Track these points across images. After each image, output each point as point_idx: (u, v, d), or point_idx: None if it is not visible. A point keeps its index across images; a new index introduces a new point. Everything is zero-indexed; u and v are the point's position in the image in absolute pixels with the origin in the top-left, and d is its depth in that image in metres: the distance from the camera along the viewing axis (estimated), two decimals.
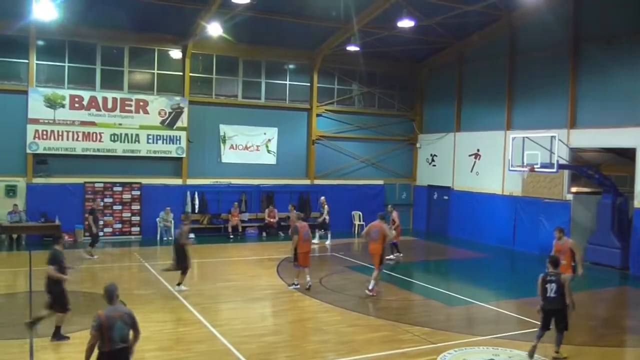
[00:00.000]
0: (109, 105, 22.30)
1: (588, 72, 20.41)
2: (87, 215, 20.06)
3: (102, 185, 22.34)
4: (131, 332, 7.21)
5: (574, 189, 20.96)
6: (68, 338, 10.36)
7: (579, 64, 20.66)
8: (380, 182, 27.84)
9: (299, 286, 14.84)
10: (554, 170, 18.14)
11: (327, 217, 22.96)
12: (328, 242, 22.71)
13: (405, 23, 20.42)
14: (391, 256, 19.06)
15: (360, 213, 26.59)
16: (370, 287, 14.36)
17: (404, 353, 10.11)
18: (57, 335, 10.34)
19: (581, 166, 19.99)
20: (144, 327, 11.12)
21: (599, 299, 15.39)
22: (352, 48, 23.81)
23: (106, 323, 6.93)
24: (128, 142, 22.64)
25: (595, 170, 19.61)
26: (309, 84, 26.28)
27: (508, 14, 22.67)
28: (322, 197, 23.76)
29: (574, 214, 20.48)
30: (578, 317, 13.16)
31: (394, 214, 20.02)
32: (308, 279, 14.83)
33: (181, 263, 14.44)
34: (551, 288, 9.89)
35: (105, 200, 22.33)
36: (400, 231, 20.38)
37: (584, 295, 15.79)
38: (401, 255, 19.65)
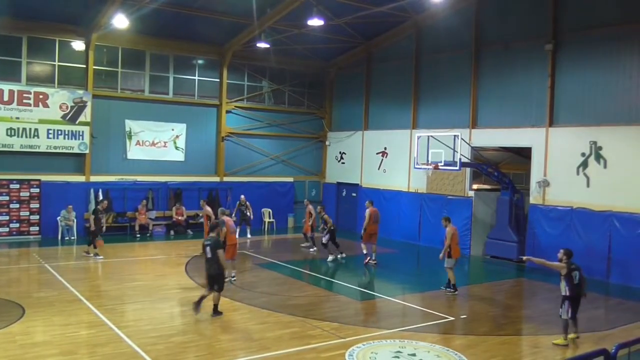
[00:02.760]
0: (5, 98, 21.04)
1: (488, 74, 21.41)
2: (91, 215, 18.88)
3: None
4: None
5: (475, 186, 21.96)
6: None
7: (480, 67, 21.63)
8: (290, 179, 27.97)
9: (234, 277, 15.32)
10: (457, 168, 18.90)
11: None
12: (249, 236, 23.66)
13: (315, 22, 20.61)
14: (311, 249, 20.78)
15: (270, 210, 26.62)
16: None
17: (314, 348, 10.22)
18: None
19: (482, 164, 20.92)
20: (45, 331, 10.70)
21: (498, 290, 16.20)
22: (262, 45, 23.74)
23: None
24: (26, 137, 21.47)
25: (494, 168, 20.61)
26: (218, 80, 25.96)
27: (415, 16, 23.37)
28: (242, 196, 23.95)
29: (475, 210, 21.44)
30: (479, 308, 13.85)
31: (309, 207, 21.11)
32: (233, 273, 15.30)
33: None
34: (574, 275, 10.84)
35: (1, 198, 21.10)
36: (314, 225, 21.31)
37: (484, 287, 16.64)
38: (316, 249, 20.33)
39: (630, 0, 17.35)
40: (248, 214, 23.67)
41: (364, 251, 18.83)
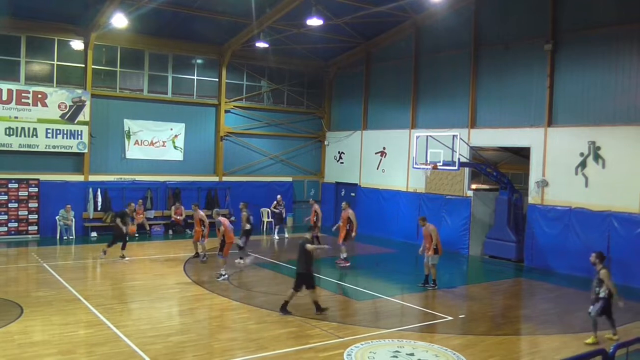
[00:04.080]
0: (4, 97, 21.01)
1: (487, 74, 21.41)
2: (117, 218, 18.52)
3: None
4: None
5: (473, 186, 21.96)
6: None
7: (479, 67, 21.64)
8: (289, 178, 27.96)
9: (227, 276, 15.40)
10: (456, 168, 18.90)
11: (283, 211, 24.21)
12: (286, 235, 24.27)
13: (314, 21, 20.60)
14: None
15: (269, 210, 26.57)
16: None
17: (312, 348, 10.22)
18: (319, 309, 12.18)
19: (480, 164, 20.94)
20: (44, 330, 10.70)
21: (496, 290, 16.20)
22: (261, 45, 23.73)
23: None
24: (25, 136, 21.45)
25: (493, 168, 20.63)
26: (217, 80, 25.95)
27: (414, 16, 23.37)
28: (279, 196, 24.25)
29: (474, 210, 21.44)
30: (477, 307, 13.86)
31: (316, 206, 20.95)
32: (224, 270, 15.60)
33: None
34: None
35: (0, 197, 21.09)
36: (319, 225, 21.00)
37: (482, 286, 16.63)
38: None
39: (629, 1, 17.38)
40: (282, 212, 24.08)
41: (345, 254, 18.63)
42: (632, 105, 17.03)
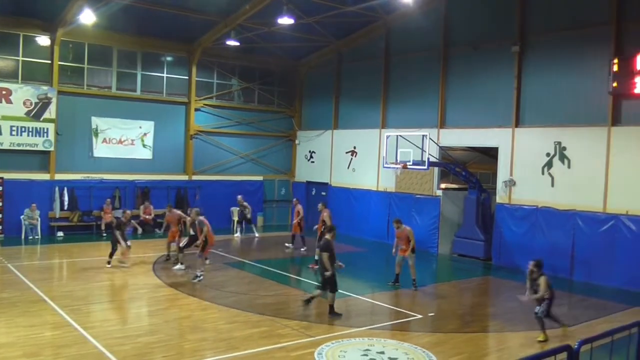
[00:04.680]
0: None
1: (456, 75, 21.65)
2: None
3: None
4: None
5: (443, 185, 22.21)
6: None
7: (449, 67, 21.86)
8: (260, 178, 27.88)
9: (202, 277, 15.26)
10: (425, 167, 19.08)
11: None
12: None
13: (285, 20, 20.55)
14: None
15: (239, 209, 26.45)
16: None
17: (283, 347, 10.22)
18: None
19: (449, 164, 21.16)
20: (9, 332, 10.49)
21: (465, 288, 16.41)
22: (231, 43, 23.60)
23: None
24: None
25: (462, 168, 20.86)
26: (187, 77, 25.73)
27: (385, 16, 23.51)
28: (239, 196, 24.07)
29: (443, 209, 21.67)
30: (446, 306, 14.01)
31: (299, 207, 21.11)
32: (202, 270, 15.53)
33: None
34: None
35: None
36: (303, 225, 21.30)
37: (451, 284, 16.82)
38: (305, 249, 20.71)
39: (594, 3, 17.75)
40: (246, 212, 23.77)
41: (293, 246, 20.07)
42: (595, 106, 17.39)
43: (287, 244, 21.41)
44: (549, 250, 17.60)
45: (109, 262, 16.83)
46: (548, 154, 18.38)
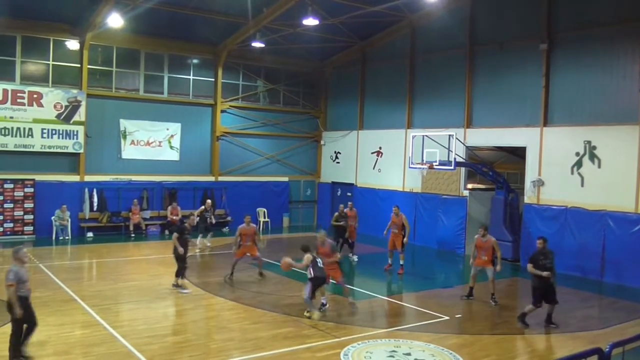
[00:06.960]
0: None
1: (483, 74, 21.43)
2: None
3: None
4: None
5: (469, 186, 22.00)
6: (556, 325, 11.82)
7: (475, 67, 21.66)
8: (285, 178, 27.96)
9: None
10: (452, 167, 18.92)
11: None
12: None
13: (310, 21, 20.58)
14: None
15: (265, 210, 26.58)
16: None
17: (309, 348, 10.22)
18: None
19: (476, 164, 20.96)
20: (40, 331, 10.64)
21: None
22: (257, 44, 23.70)
23: None
24: (20, 136, 21.39)
25: (489, 168, 20.65)
26: (213, 79, 25.92)
27: (410, 15, 23.39)
28: (209, 200, 22.24)
29: (470, 210, 21.47)
30: (473, 307, 13.87)
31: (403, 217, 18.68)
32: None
33: None
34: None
35: None
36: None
37: (479, 286, 16.62)
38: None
39: (624, 0, 17.43)
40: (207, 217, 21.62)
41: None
42: (627, 104, 17.06)
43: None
44: (578, 251, 17.32)
45: (176, 284, 14.58)
46: (577, 154, 18.09)
